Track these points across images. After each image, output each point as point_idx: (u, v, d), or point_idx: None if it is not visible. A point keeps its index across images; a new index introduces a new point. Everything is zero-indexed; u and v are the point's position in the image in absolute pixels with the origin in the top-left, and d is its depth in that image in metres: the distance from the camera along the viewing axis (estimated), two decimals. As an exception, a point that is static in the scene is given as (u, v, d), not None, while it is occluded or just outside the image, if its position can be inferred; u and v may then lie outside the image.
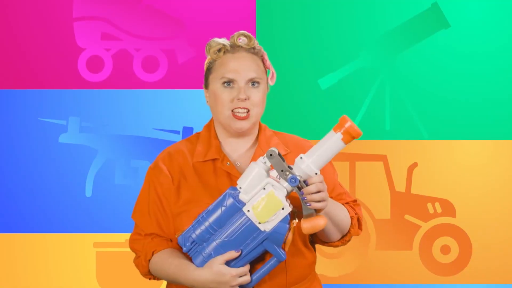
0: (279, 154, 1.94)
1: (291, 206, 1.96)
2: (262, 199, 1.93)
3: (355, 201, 2.22)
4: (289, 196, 1.97)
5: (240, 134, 2.11)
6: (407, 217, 4.04)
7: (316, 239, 2.19)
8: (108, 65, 4.00)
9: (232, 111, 2.07)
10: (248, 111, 2.07)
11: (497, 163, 4.01)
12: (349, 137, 1.92)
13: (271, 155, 1.92)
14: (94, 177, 3.99)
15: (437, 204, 4.04)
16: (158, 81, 4.00)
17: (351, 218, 2.16)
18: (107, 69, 4.00)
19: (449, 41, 4.00)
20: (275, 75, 2.14)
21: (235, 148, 2.14)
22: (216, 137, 2.14)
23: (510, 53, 3.99)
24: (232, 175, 2.09)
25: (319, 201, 1.95)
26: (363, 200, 4.00)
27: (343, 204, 2.18)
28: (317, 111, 4.01)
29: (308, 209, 1.95)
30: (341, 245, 2.19)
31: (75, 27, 3.98)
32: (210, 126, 2.16)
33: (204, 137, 2.14)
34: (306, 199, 1.94)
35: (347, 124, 1.92)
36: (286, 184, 1.93)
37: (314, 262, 2.19)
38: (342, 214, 2.12)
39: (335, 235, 2.14)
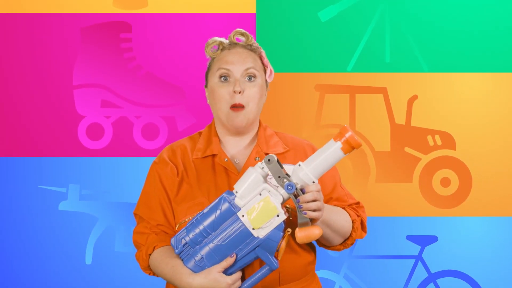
0: (278, 161, 1.94)
1: (287, 214, 1.95)
2: (258, 204, 1.92)
3: (358, 203, 2.22)
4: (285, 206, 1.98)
5: (239, 132, 2.16)
6: (407, 149, 4.01)
7: (317, 242, 2.19)
8: (108, 133, 3.99)
9: (231, 106, 2.12)
10: (243, 107, 2.12)
11: (497, 95, 3.98)
12: (349, 147, 1.92)
13: (269, 160, 1.93)
14: (94, 244, 3.97)
15: (437, 137, 4.01)
16: (158, 148, 3.98)
17: (353, 221, 2.17)
18: (107, 136, 3.99)
19: (450, -28, 3.99)
20: (273, 72, 2.19)
21: (234, 145, 2.19)
22: (217, 135, 2.20)
23: (511, -16, 3.97)
24: (229, 170, 2.13)
25: (314, 210, 1.95)
26: (363, 133, 3.99)
27: (344, 208, 2.18)
28: (317, 43, 3.98)
29: (304, 218, 1.94)
30: (343, 249, 2.19)
31: (75, 94, 3.97)
32: (211, 125, 2.23)
33: (205, 135, 2.21)
34: (302, 207, 1.93)
35: (348, 134, 1.92)
36: (282, 191, 1.93)
37: (312, 263, 2.19)
38: (342, 220, 2.13)
39: (336, 240, 2.15)
